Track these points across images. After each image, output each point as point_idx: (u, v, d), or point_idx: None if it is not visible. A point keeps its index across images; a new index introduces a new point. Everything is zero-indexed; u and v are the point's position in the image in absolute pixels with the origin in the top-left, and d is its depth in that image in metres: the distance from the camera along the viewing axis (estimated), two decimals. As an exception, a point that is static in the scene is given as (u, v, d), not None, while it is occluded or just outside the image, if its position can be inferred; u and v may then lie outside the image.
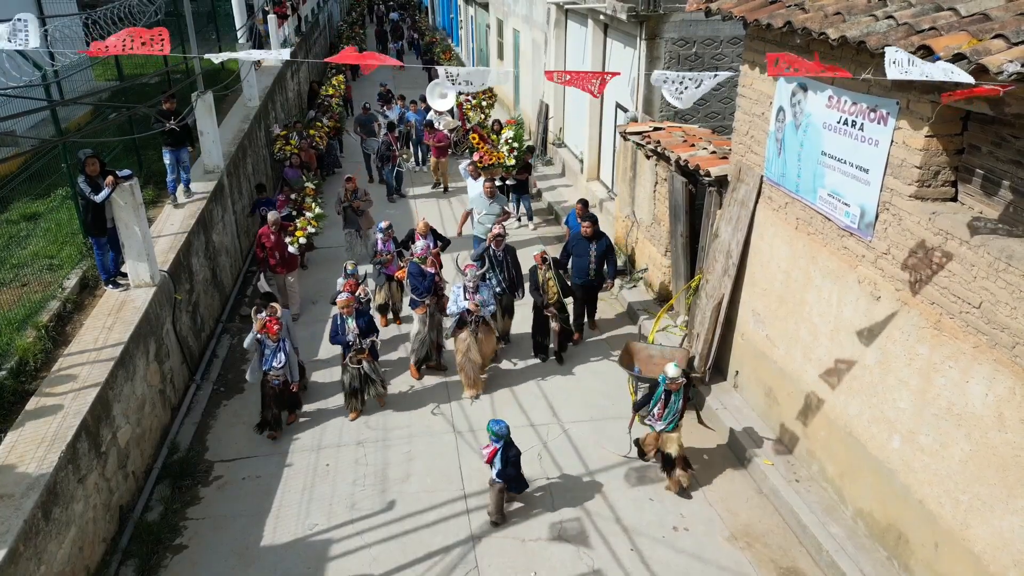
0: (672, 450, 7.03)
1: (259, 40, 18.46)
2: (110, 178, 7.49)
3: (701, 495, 7.13)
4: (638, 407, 7.23)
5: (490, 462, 6.73)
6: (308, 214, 11.22)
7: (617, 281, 11.25)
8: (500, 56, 22.37)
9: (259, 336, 7.74)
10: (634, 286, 10.92)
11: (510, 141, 13.29)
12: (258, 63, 17.32)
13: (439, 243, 9.86)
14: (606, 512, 6.90)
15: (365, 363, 8.15)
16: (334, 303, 8.69)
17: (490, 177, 11.98)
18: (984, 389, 4.90)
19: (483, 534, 6.67)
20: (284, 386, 7.95)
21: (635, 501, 7.05)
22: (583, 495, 7.13)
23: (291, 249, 10.47)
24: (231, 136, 12.99)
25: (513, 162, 13.26)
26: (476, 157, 13.21)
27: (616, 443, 7.83)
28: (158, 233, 9.29)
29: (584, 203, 10.37)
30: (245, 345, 7.91)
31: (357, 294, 8.30)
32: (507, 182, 13.67)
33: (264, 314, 7.81)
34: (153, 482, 7.26)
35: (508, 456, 6.68)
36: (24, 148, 9.98)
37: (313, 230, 11.14)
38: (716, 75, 4.81)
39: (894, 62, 3.94)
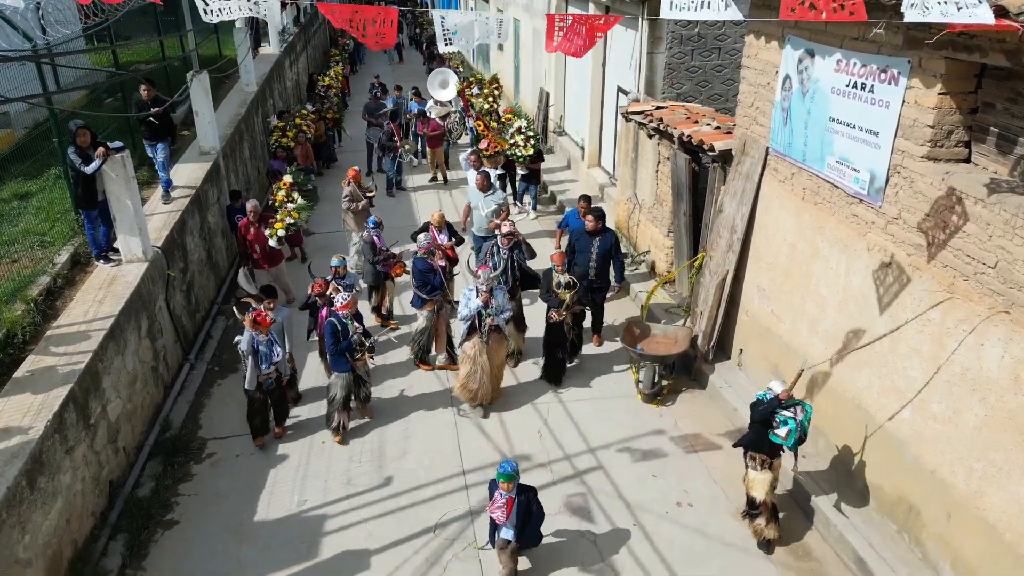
0: (758, 493, 5.99)
1: (256, 28, 18.30)
2: (101, 149, 7.33)
3: (705, 473, 6.97)
4: (745, 444, 6.12)
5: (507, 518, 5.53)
6: (289, 205, 10.16)
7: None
8: (501, 47, 22.22)
9: (253, 334, 7.01)
10: (636, 268, 10.76)
11: (524, 130, 12.75)
12: (256, 50, 17.20)
13: (453, 238, 9.22)
14: (608, 488, 6.74)
15: (360, 365, 7.39)
16: (305, 308, 7.98)
17: (479, 166, 11.32)
18: (1000, 351, 4.75)
19: (482, 509, 6.49)
20: (277, 385, 7.28)
21: (638, 477, 6.89)
22: (584, 472, 6.98)
23: (271, 243, 9.63)
24: (227, 120, 12.85)
25: (531, 151, 12.72)
26: (483, 145, 12.85)
27: (617, 424, 7.67)
28: (152, 211, 9.12)
29: (587, 199, 9.58)
30: (243, 348, 7.00)
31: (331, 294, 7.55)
32: (519, 172, 13.18)
33: (255, 308, 7.18)
34: (144, 458, 7.09)
35: (529, 508, 5.58)
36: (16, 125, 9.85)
37: (292, 221, 9.97)
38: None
39: (913, 5, 3.79)
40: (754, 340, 7.83)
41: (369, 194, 11.13)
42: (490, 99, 16.23)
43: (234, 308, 7.31)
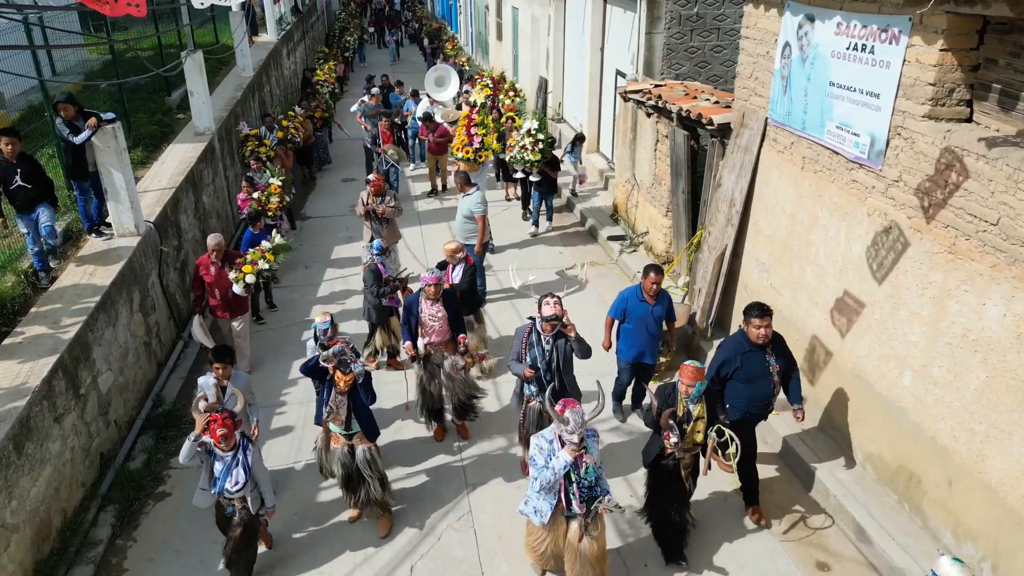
0: None
1: (254, 17, 18.23)
2: (92, 120, 7.25)
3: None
4: None
5: None
6: (264, 243, 8.25)
7: (617, 247, 10.93)
8: (499, 37, 22.14)
9: (204, 440, 5.00)
10: (634, 250, 10.68)
11: (534, 132, 11.16)
12: (252, 39, 17.12)
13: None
14: (608, 465, 6.63)
15: (359, 450, 5.69)
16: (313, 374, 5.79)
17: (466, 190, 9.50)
18: (1002, 310, 4.67)
19: (478, 482, 6.44)
20: (248, 515, 5.18)
21: (635, 451, 6.79)
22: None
23: (236, 289, 7.77)
24: (223, 103, 12.75)
25: (539, 156, 11.10)
26: (456, 144, 11.51)
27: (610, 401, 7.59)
28: (145, 188, 9.04)
29: (658, 270, 6.68)
30: (182, 459, 5.02)
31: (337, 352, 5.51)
32: (530, 177, 11.61)
33: (202, 406, 5.29)
34: (136, 432, 7.02)
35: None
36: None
37: (267, 266, 8.01)
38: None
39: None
40: (753, 315, 7.74)
41: (390, 209, 9.27)
42: (511, 93, 14.20)
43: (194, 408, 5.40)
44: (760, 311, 5.54)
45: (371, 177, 9.30)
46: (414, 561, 5.67)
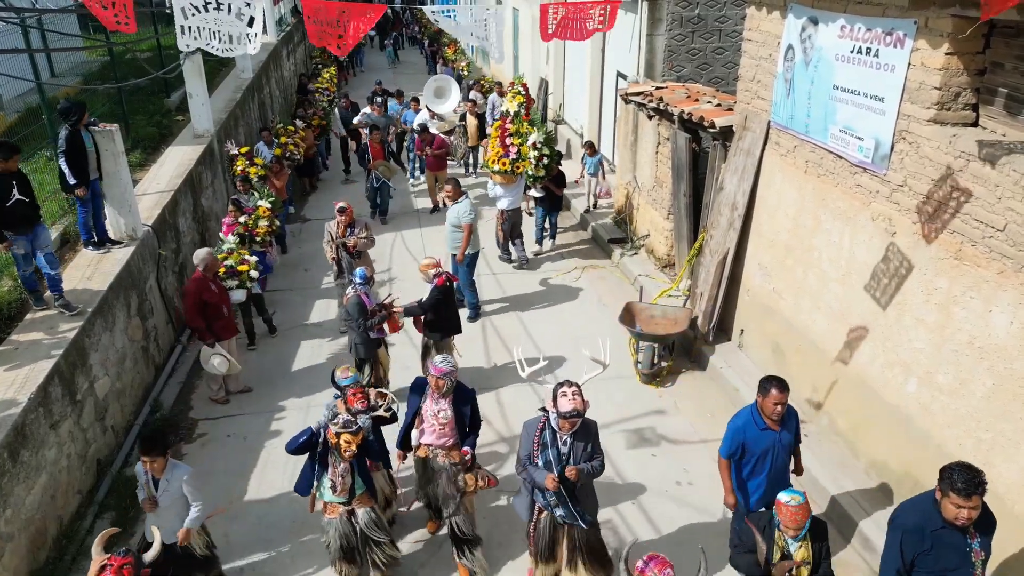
0: None
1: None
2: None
3: (706, 453, 6.82)
4: None
5: None
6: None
7: (619, 251, 10.84)
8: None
9: None
10: (635, 253, 10.63)
11: (539, 146, 10.39)
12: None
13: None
14: (606, 468, 6.58)
15: (362, 512, 5.09)
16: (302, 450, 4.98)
17: (456, 197, 9.01)
18: (1009, 317, 4.61)
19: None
20: None
21: (637, 458, 6.77)
22: (582, 452, 6.82)
23: (237, 296, 7.76)
24: (222, 105, 12.70)
25: (543, 172, 10.50)
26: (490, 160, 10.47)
27: (616, 405, 7.53)
28: (143, 191, 8.99)
29: (782, 386, 4.82)
30: None
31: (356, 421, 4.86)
32: (530, 191, 10.98)
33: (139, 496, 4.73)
34: (134, 438, 6.96)
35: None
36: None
37: (253, 257, 8.09)
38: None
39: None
40: (755, 319, 7.70)
41: (362, 240, 8.36)
42: (519, 96, 12.12)
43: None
44: (967, 485, 3.70)
45: (343, 205, 8.35)
46: (415, 570, 5.61)
